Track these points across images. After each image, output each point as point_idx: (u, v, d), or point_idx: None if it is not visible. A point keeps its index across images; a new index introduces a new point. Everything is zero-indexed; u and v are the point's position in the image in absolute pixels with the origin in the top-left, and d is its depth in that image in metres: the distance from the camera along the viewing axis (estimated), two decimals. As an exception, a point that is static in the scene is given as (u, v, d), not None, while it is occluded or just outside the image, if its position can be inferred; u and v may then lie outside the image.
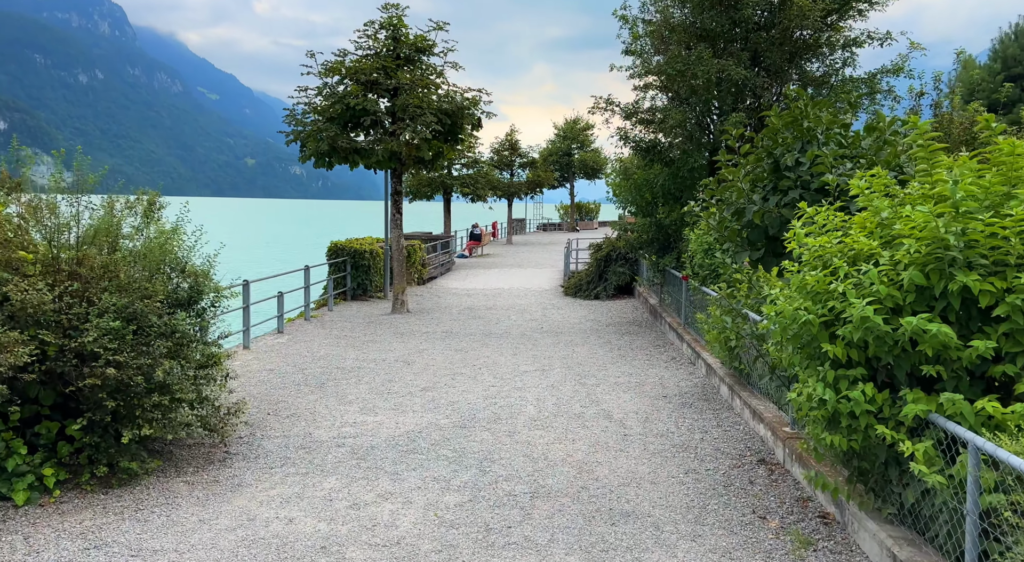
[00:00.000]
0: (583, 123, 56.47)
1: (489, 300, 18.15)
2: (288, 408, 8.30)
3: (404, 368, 10.49)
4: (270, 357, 11.11)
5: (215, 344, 6.74)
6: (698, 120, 12.30)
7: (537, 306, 17.15)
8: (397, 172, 15.50)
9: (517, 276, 23.90)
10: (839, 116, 6.34)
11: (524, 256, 31.73)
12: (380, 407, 8.39)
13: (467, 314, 15.81)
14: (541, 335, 13.29)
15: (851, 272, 4.53)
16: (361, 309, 16.30)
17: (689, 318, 12.04)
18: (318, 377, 9.87)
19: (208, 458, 6.55)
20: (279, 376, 9.91)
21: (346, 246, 17.62)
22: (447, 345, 12.26)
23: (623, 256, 18.64)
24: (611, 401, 8.69)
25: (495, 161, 40.03)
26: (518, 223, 51.52)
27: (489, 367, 10.61)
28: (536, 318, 15.32)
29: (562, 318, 15.35)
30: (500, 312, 16.12)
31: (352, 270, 17.61)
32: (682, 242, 13.50)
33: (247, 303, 11.64)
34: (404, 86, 14.42)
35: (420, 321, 14.77)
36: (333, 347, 12.00)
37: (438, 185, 28.01)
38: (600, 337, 13.07)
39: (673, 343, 12.27)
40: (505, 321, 14.90)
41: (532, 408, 8.40)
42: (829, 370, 4.57)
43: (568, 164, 55.54)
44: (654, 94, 13.49)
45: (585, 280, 18.94)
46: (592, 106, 13.11)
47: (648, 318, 15.17)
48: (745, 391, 8.06)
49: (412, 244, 20.83)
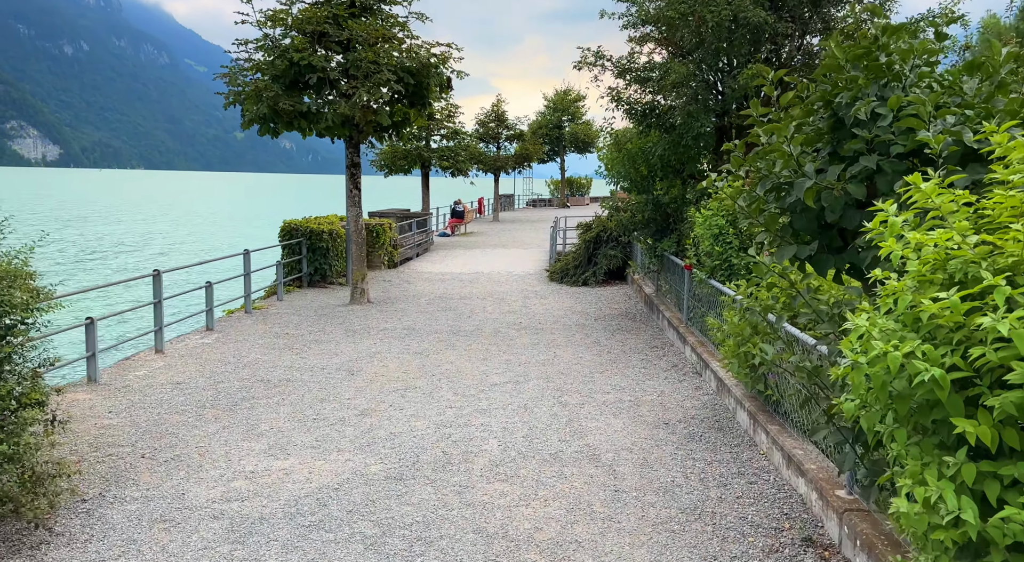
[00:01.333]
0: (574, 94, 54.02)
1: (464, 287, 16.15)
2: (172, 446, 6.33)
3: (345, 381, 8.53)
4: (184, 364, 9.12)
5: (27, 378, 4.72)
6: (704, 77, 10.24)
7: (518, 294, 15.17)
8: (354, 141, 13.37)
9: (499, 258, 21.89)
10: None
11: (510, 235, 29.67)
12: (296, 443, 6.44)
13: (437, 304, 13.82)
14: (518, 333, 11.33)
15: (1016, 296, 2.57)
16: (316, 299, 14.28)
17: (692, 315, 10.10)
18: (232, 395, 7.89)
19: (16, 544, 4.59)
20: (184, 392, 7.93)
21: (301, 226, 15.54)
22: (405, 347, 10.29)
23: (615, 237, 16.64)
24: (598, 431, 6.77)
25: (480, 133, 37.71)
26: (506, 199, 49.32)
27: (451, 378, 8.66)
28: (515, 310, 13.34)
29: (545, 310, 13.38)
30: (475, 302, 14.13)
31: (308, 253, 15.55)
32: (683, 224, 11.52)
33: (158, 297, 9.58)
34: (358, 39, 12.24)
35: (380, 314, 12.77)
36: (267, 350, 10.01)
37: (415, 158, 25.73)
38: (587, 335, 11.13)
39: (673, 344, 10.34)
40: (479, 314, 12.92)
41: (496, 443, 6.46)
42: (966, 464, 2.63)
43: (558, 137, 53.22)
44: (652, 48, 11.37)
45: (572, 264, 16.95)
46: (578, 61, 11.00)
47: (643, 310, 13.23)
48: (773, 424, 6.14)
49: (381, 223, 18.75)
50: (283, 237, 15.51)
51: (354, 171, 13.54)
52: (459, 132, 27.18)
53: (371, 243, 18.36)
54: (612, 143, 12.22)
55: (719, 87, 10.27)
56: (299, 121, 12.36)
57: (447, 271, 18.84)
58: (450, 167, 26.59)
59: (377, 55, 12.03)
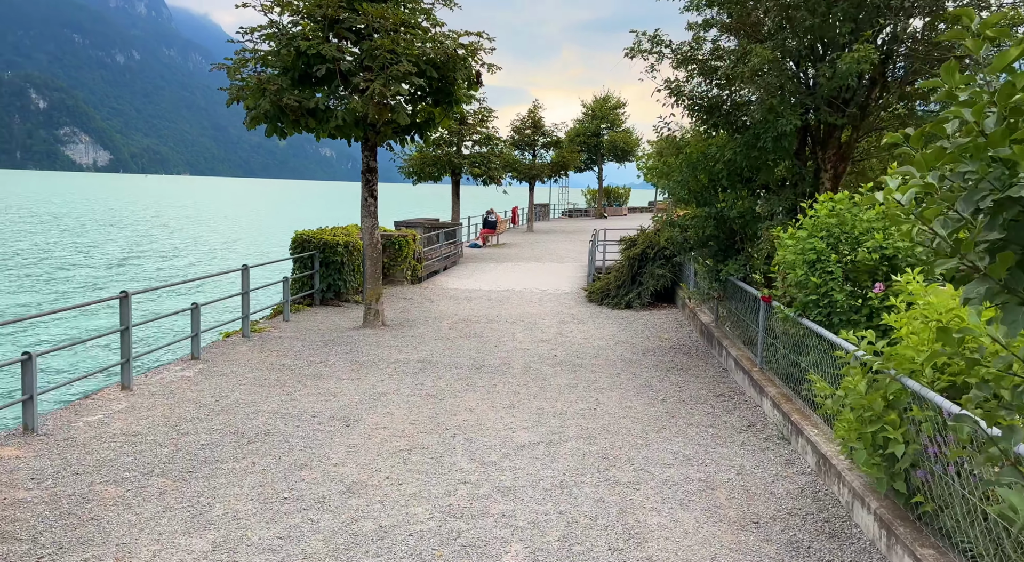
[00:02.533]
0: (614, 101, 52.18)
1: (493, 308, 14.43)
2: (86, 543, 4.70)
3: (337, 435, 6.86)
4: (150, 407, 7.57)
5: None
6: (790, 64, 8.35)
7: (552, 318, 13.39)
8: (370, 143, 11.79)
9: (533, 273, 20.14)
10: None
11: (544, 247, 27.91)
12: (251, 543, 4.76)
13: (460, 330, 12.12)
14: (553, 369, 9.56)
15: None
16: (326, 319, 12.71)
17: (768, 356, 8.21)
18: (194, 455, 6.28)
19: None
20: (136, 449, 6.35)
21: (314, 237, 14.03)
22: (417, 386, 8.60)
23: (663, 254, 14.77)
24: (663, 532, 4.95)
25: (515, 140, 36.08)
26: (541, 209, 47.62)
27: (468, 433, 6.93)
28: (549, 338, 11.57)
29: (583, 338, 11.58)
30: (503, 327, 12.39)
31: (321, 268, 14.03)
32: (754, 243, 9.64)
33: (126, 323, 8.06)
34: (375, 26, 10.67)
35: (394, 341, 11.12)
36: (254, 387, 8.42)
37: (445, 164, 24.14)
38: (635, 375, 9.29)
39: (745, 393, 8.44)
40: (508, 342, 11.18)
41: (521, 550, 4.70)
42: None
43: (596, 145, 51.38)
44: (717, 35, 9.53)
45: (614, 284, 15.10)
46: (631, 48, 9.23)
47: (700, 343, 11.32)
48: (926, 546, 4.24)
49: (404, 235, 17.18)
50: (294, 250, 14.02)
51: (370, 177, 11.95)
52: (492, 137, 25.53)
53: (392, 257, 16.81)
54: (666, 146, 10.40)
55: (808, 76, 8.37)
56: (307, 120, 10.83)
57: (475, 288, 17.16)
58: (482, 174, 24.92)
59: (396, 44, 10.44)
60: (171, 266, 34.25)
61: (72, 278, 28.98)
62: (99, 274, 30.92)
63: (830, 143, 8.53)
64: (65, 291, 25.61)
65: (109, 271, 32.39)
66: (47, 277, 29.13)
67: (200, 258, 37.79)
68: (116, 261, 35.61)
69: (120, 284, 27.64)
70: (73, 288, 26.34)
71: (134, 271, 32.04)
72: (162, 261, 36.05)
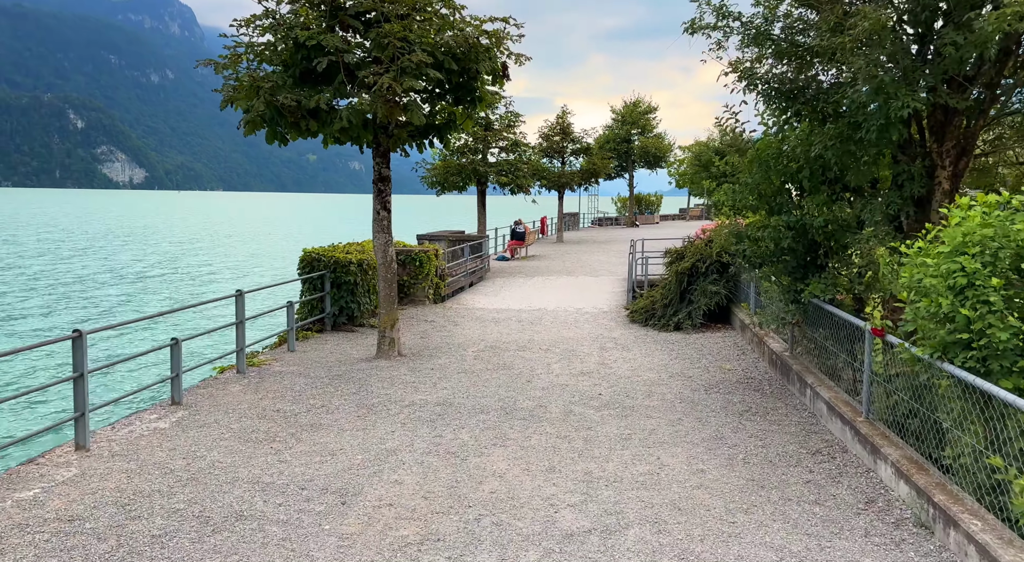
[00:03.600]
0: (644, 105, 50.38)
1: (524, 331, 12.82)
2: None
3: (327, 519, 5.31)
4: (103, 475, 6.10)
5: None
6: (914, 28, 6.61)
7: (592, 343, 11.74)
8: (382, 148, 10.32)
9: (566, 289, 18.49)
10: None
11: (576, 258, 26.23)
12: None
13: (486, 359, 10.53)
14: (599, 414, 7.91)
15: None
16: (336, 349, 11.23)
17: (878, 405, 6.46)
18: (136, 554, 4.77)
19: None
20: (65, 546, 4.85)
21: (325, 255, 12.59)
22: (434, 440, 7.02)
23: (715, 267, 13.04)
24: None
25: (543, 147, 34.53)
26: (570, 218, 45.94)
27: (497, 514, 5.33)
28: (590, 369, 9.91)
29: (631, 369, 9.90)
30: (536, 356, 10.77)
31: (332, 289, 12.58)
32: (841, 258, 7.91)
33: (81, 370, 6.62)
34: (384, 11, 9.20)
35: (411, 375, 9.57)
36: (238, 443, 6.92)
37: (470, 173, 22.63)
38: (702, 422, 7.59)
39: (848, 449, 6.66)
40: (543, 376, 9.56)
41: None
42: None
43: (627, 152, 49.58)
44: (791, 6, 7.81)
45: (660, 302, 13.39)
46: (690, 22, 7.59)
47: (772, 376, 9.56)
48: None
49: (426, 250, 15.69)
50: (303, 269, 12.61)
51: (382, 187, 10.47)
52: (520, 144, 23.96)
53: (413, 274, 15.33)
54: (731, 142, 8.70)
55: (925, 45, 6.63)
56: (307, 121, 9.39)
57: (503, 307, 15.58)
58: (509, 183, 23.30)
59: (408, 30, 8.96)
60: (205, 284, 33.26)
61: (100, 300, 28.03)
62: (129, 290, 30.02)
63: (948, 133, 6.81)
64: (88, 316, 24.58)
65: (133, 286, 31.53)
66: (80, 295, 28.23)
67: (228, 273, 36.86)
68: (136, 277, 34.82)
69: (137, 304, 26.62)
70: (97, 312, 25.30)
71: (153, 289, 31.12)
72: (193, 283, 35.12)
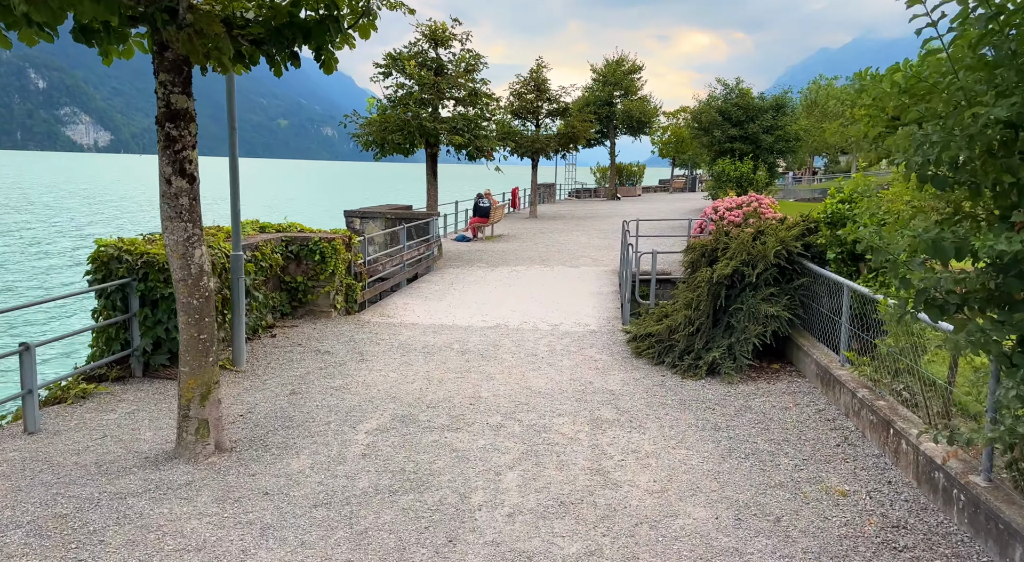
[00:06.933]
0: (629, 64, 45.17)
1: (466, 375, 7.91)
2: None
3: None
4: None
5: None
6: None
7: (576, 410, 6.89)
8: (169, 55, 5.20)
9: (538, 286, 13.60)
10: None
11: (552, 240, 21.27)
12: None
13: (385, 458, 5.62)
14: None
15: None
16: (125, 424, 6.25)
17: None
18: None
19: None
20: None
21: (130, 251, 7.52)
22: None
23: (772, 274, 8.27)
24: None
25: (515, 107, 29.28)
26: (545, 190, 40.84)
27: None
28: (576, 495, 5.07)
29: (655, 494, 5.09)
30: (477, 445, 5.87)
31: (143, 309, 7.53)
32: None
33: None
34: None
35: (217, 511, 4.65)
36: None
37: (414, 131, 17.15)
38: None
39: None
40: (482, 519, 4.71)
41: None
42: None
43: (608, 116, 44.49)
44: None
45: (682, 329, 8.51)
46: None
47: (947, 523, 4.80)
48: None
49: (331, 238, 10.64)
50: (96, 274, 7.52)
51: (174, 132, 5.34)
52: (481, 95, 18.63)
53: (311, 274, 10.33)
54: (871, 80, 3.83)
55: None
56: None
57: (446, 321, 10.66)
58: (466, 144, 17.99)
59: None
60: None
61: None
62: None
63: None
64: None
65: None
66: None
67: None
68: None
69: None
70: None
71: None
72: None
